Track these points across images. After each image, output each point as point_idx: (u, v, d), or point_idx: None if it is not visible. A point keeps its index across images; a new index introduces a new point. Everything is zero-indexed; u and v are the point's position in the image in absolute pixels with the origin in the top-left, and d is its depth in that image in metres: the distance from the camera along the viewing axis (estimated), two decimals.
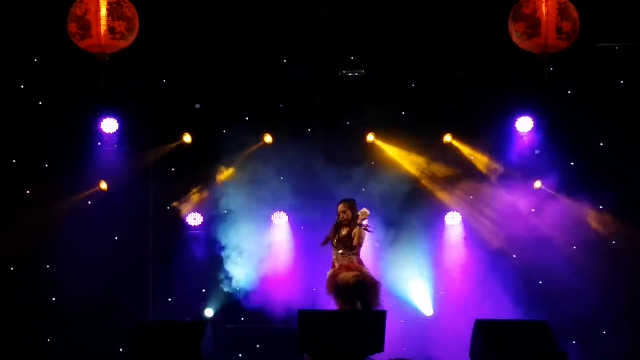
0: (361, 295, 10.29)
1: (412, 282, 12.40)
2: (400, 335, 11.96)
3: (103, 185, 12.18)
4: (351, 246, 10.52)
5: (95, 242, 11.93)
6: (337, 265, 10.52)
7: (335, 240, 10.59)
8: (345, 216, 10.60)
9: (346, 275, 10.31)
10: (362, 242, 10.57)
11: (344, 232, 10.57)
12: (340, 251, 10.55)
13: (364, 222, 10.47)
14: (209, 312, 12.31)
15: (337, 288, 10.32)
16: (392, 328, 10.07)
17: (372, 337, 9.45)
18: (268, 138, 12.54)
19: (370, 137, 12.59)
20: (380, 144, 12.63)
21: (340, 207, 10.68)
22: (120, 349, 11.17)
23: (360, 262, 10.57)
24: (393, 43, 11.93)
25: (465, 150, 12.57)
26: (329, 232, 10.70)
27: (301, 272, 12.18)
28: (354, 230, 10.50)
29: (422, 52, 12.00)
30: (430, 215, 12.58)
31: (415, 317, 12.36)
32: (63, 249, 11.93)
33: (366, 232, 10.54)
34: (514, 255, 12.29)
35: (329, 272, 10.54)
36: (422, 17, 11.68)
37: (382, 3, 11.62)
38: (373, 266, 11.51)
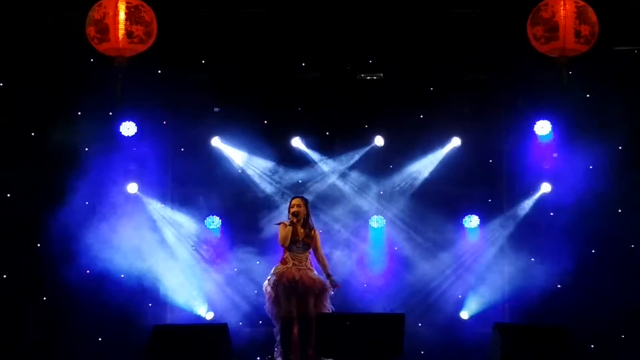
0: (310, 296, 10.09)
1: (432, 286, 12.49)
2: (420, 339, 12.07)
3: (131, 188, 12.21)
4: (305, 246, 10.29)
5: (114, 245, 11.96)
6: (290, 262, 10.18)
7: (294, 240, 10.22)
8: (299, 210, 10.27)
9: (300, 274, 10.09)
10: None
11: (301, 231, 10.28)
12: (296, 250, 10.25)
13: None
14: (209, 315, 12.33)
15: (287, 286, 10.04)
16: (410, 332, 10.05)
17: (390, 341, 9.43)
18: (296, 141, 12.60)
19: (380, 141, 12.59)
20: (396, 146, 12.62)
21: (295, 201, 10.37)
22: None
23: (310, 263, 10.33)
24: (411, 46, 11.94)
25: (482, 153, 12.56)
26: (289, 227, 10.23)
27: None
28: (313, 232, 10.35)
29: (439, 55, 12.00)
30: (448, 218, 12.59)
31: (432, 321, 12.43)
32: (81, 252, 11.95)
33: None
34: (532, 259, 12.24)
35: (279, 269, 10.20)
36: (439, 21, 11.67)
37: (399, 6, 11.61)
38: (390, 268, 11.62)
